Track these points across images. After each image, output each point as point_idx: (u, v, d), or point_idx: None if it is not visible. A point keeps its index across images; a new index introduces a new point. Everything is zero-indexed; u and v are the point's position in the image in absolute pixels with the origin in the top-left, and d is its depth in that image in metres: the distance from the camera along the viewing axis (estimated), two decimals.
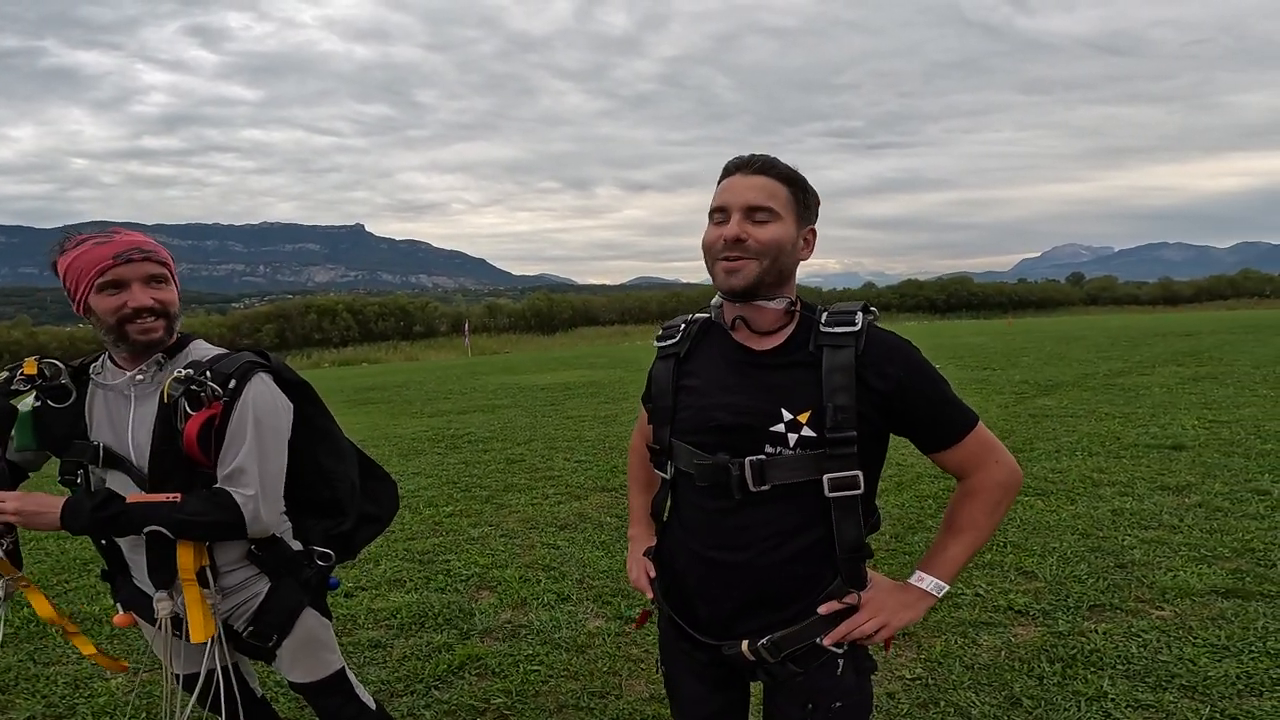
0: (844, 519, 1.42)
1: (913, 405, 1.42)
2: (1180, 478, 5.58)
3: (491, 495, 6.17)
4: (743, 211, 1.43)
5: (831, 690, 1.50)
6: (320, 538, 1.86)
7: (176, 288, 1.73)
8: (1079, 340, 18.89)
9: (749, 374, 1.47)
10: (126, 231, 1.71)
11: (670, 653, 1.68)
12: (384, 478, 2.08)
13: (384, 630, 3.67)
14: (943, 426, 1.45)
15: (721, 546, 1.49)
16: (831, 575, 1.47)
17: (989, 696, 2.83)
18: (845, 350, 1.40)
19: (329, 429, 1.89)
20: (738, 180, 1.45)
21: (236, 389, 1.66)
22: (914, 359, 1.44)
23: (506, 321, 56.50)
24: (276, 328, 50.22)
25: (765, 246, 1.42)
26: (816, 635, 1.46)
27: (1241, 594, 3.55)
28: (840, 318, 1.44)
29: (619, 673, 3.16)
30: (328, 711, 1.94)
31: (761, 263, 1.42)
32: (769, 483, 1.41)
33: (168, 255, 1.72)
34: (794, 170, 1.47)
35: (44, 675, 3.37)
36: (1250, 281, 67.57)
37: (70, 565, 4.89)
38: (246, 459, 1.64)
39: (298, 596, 1.80)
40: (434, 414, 11.31)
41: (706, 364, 1.54)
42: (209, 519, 1.63)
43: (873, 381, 1.40)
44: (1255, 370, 11.27)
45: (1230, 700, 2.70)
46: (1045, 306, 67.87)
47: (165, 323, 1.69)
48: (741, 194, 1.43)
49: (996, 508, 1.48)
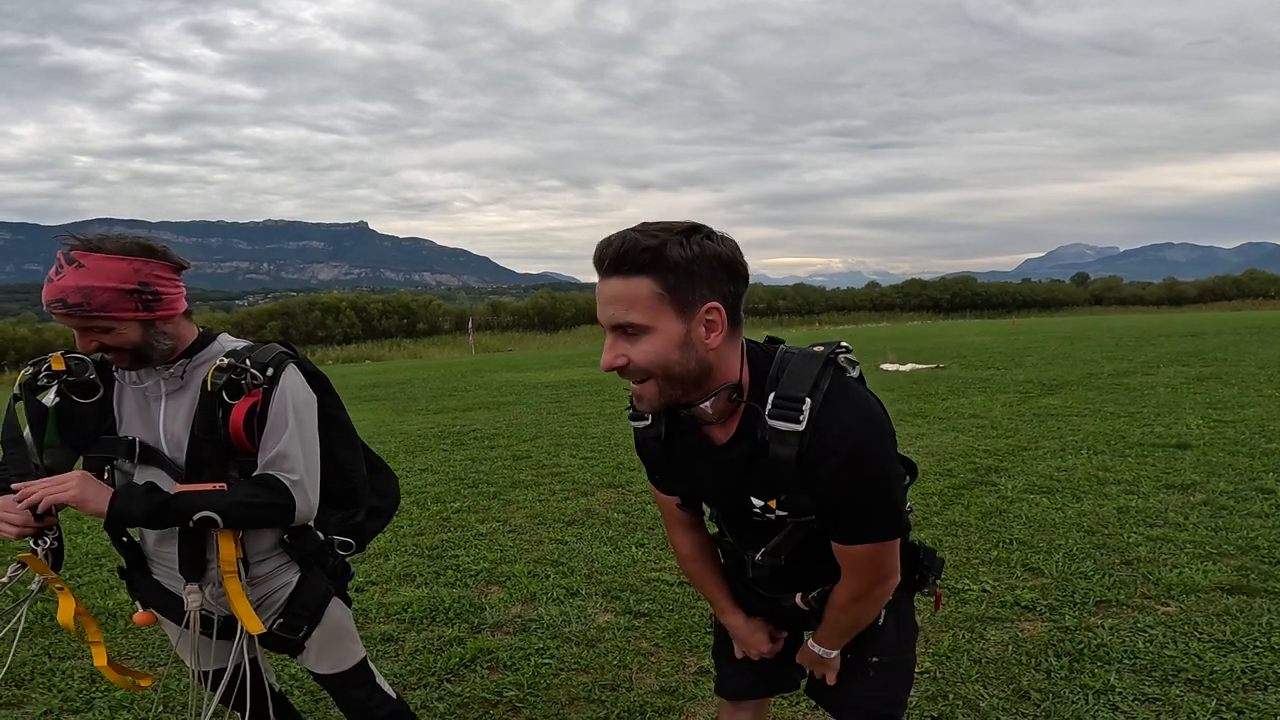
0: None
1: (840, 507, 1.37)
2: (1185, 476, 5.59)
3: (498, 491, 6.20)
4: (610, 329, 1.26)
5: (871, 643, 1.61)
6: (336, 528, 1.88)
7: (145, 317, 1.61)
8: (1083, 340, 18.87)
9: (716, 464, 1.45)
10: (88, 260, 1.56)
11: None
12: (386, 470, 2.09)
13: (395, 624, 3.70)
14: (860, 527, 1.39)
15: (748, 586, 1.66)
16: None
17: (997, 690, 2.85)
18: (788, 448, 1.31)
19: (343, 420, 1.91)
20: (600, 288, 1.25)
21: (274, 376, 1.68)
22: (859, 464, 1.32)
23: (510, 319, 56.56)
24: (280, 325, 50.32)
25: (649, 366, 1.26)
26: None
27: (1246, 590, 3.57)
28: (785, 411, 1.30)
29: (629, 666, 3.19)
30: (354, 702, 1.94)
31: (656, 382, 1.28)
32: (768, 545, 1.51)
33: (114, 295, 1.56)
34: (654, 245, 1.19)
35: (60, 669, 3.40)
36: (1255, 282, 67.38)
37: (82, 560, 4.92)
38: (289, 444, 1.67)
39: (325, 585, 1.83)
40: (439, 411, 11.35)
41: (683, 448, 1.50)
42: (262, 501, 1.64)
43: (813, 483, 1.34)
44: (1260, 370, 11.27)
45: (1236, 694, 2.72)
46: (1049, 306, 67.75)
47: (129, 355, 1.64)
48: (604, 310, 1.25)
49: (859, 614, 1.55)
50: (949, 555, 4.23)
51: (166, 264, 1.65)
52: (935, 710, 2.75)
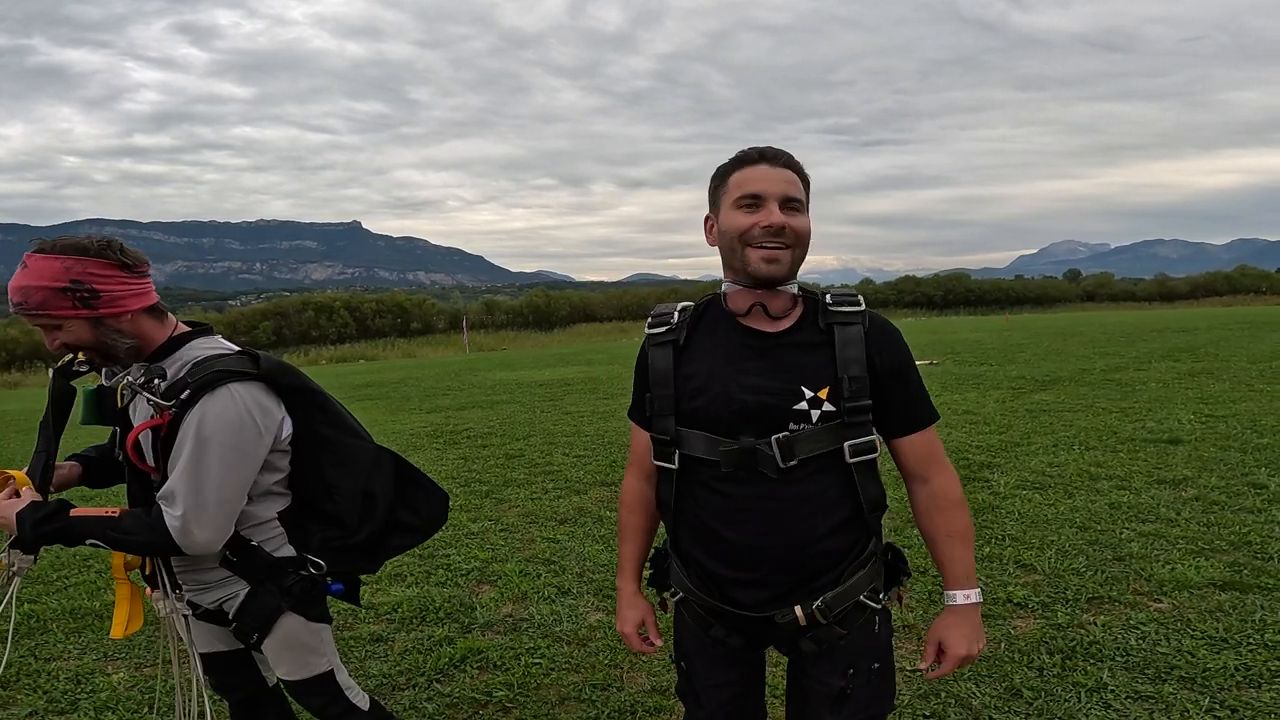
0: (866, 481, 1.53)
1: (898, 386, 1.53)
2: (1177, 472, 5.60)
3: (491, 490, 6.18)
4: (780, 201, 1.48)
5: (869, 651, 1.59)
6: (318, 546, 1.82)
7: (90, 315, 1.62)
8: (1076, 336, 18.92)
9: (766, 356, 1.52)
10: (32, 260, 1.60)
11: (694, 646, 1.69)
12: (428, 487, 2.01)
13: (385, 624, 3.67)
14: (916, 412, 1.57)
15: (759, 531, 1.52)
16: (866, 538, 1.57)
17: (990, 688, 2.84)
18: (855, 327, 1.51)
19: (336, 438, 1.82)
20: (767, 170, 1.50)
21: (188, 402, 1.60)
22: (905, 345, 1.57)
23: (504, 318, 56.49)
24: (274, 325, 50.15)
25: (800, 237, 1.50)
26: (861, 593, 1.55)
27: (1239, 587, 3.56)
28: (844, 298, 1.55)
29: (620, 665, 3.17)
30: (311, 708, 1.94)
31: (795, 252, 1.50)
32: (797, 457, 1.47)
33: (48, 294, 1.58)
34: (799, 163, 1.55)
35: (45, 670, 3.37)
36: (1246, 278, 67.65)
37: (70, 561, 4.89)
38: (176, 479, 1.61)
39: (275, 602, 1.78)
40: (432, 410, 11.31)
41: (712, 350, 1.55)
42: (138, 538, 1.64)
43: (875, 357, 1.51)
44: (1251, 366, 11.30)
45: (1229, 692, 2.72)
46: (1042, 303, 67.95)
47: (93, 353, 1.66)
48: (776, 184, 1.49)
49: (968, 516, 1.61)
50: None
51: (104, 261, 1.62)
52: (927, 709, 2.74)
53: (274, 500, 1.80)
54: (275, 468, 1.77)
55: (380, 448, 1.93)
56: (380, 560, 1.94)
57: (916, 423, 1.56)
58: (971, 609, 1.57)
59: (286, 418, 1.76)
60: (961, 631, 1.56)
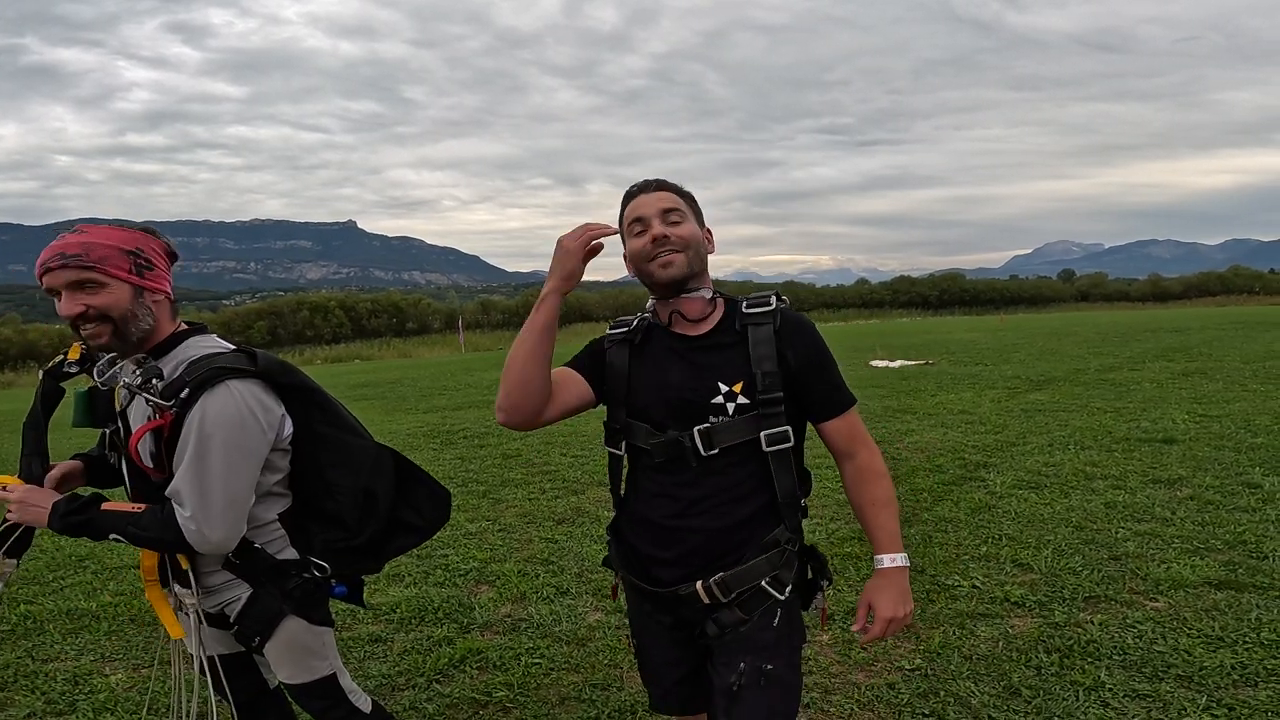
0: (781, 472, 1.65)
1: (814, 375, 1.68)
2: (1172, 471, 5.62)
3: (488, 490, 6.17)
4: (659, 216, 1.68)
5: (764, 648, 1.64)
6: (320, 548, 1.82)
7: (137, 283, 1.66)
8: (1070, 336, 18.98)
9: (687, 356, 1.70)
10: (89, 228, 1.66)
11: (639, 623, 1.85)
12: (430, 485, 2.00)
13: (384, 625, 3.67)
14: (834, 398, 1.71)
15: (680, 515, 1.68)
16: (776, 526, 1.68)
17: (988, 687, 2.85)
18: (765, 326, 1.67)
19: (335, 437, 1.82)
20: (643, 198, 1.71)
21: (188, 400, 1.60)
22: (818, 337, 1.71)
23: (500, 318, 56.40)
24: (268, 325, 50.01)
25: (685, 240, 1.67)
26: (762, 576, 1.65)
27: (1234, 586, 3.58)
28: (758, 301, 1.72)
29: (619, 665, 3.17)
30: (313, 712, 1.93)
31: (687, 254, 1.67)
32: (717, 446, 1.63)
33: (113, 252, 1.63)
34: (676, 184, 1.76)
35: (43, 672, 3.36)
36: (1239, 278, 67.92)
37: (65, 561, 4.87)
38: (181, 480, 1.60)
39: (277, 605, 1.77)
40: (429, 410, 11.29)
41: (653, 354, 1.75)
42: (153, 535, 1.63)
43: (786, 353, 1.65)
44: (1245, 366, 11.36)
45: (1226, 690, 2.73)
46: (1037, 303, 68.13)
47: (110, 326, 1.64)
48: (653, 205, 1.69)
49: (891, 486, 1.74)
50: (939, 551, 4.24)
51: (162, 244, 1.75)
52: (927, 707, 2.75)
53: (275, 501, 1.79)
54: (276, 467, 1.76)
55: (380, 446, 1.92)
56: (384, 561, 1.94)
57: (837, 407, 1.71)
58: (898, 572, 1.69)
59: (286, 416, 1.75)
60: (889, 594, 1.68)
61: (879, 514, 1.70)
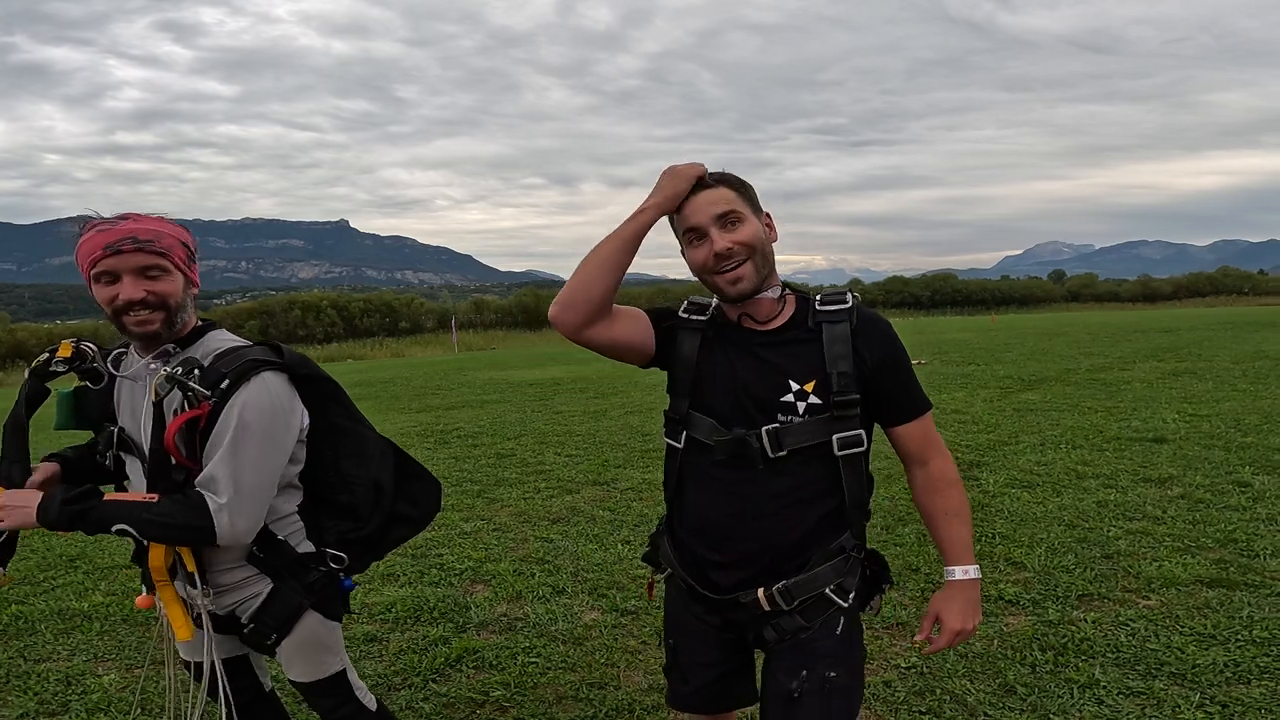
0: (851, 476, 1.58)
1: (889, 378, 1.60)
2: (1163, 470, 5.66)
3: (483, 490, 6.16)
4: (715, 224, 1.57)
5: (827, 654, 1.59)
6: (335, 540, 1.82)
7: (187, 275, 1.70)
8: (1061, 336, 19.09)
9: (756, 351, 1.62)
10: (141, 217, 1.66)
11: (678, 622, 1.78)
12: (424, 477, 2.02)
13: (379, 624, 3.66)
14: (909, 401, 1.64)
15: (742, 515, 1.60)
16: (842, 533, 1.61)
17: (984, 684, 2.86)
18: (842, 324, 1.59)
19: (352, 429, 1.84)
20: (695, 202, 1.59)
21: (228, 390, 1.60)
22: (895, 338, 1.63)
23: (494, 318, 56.30)
24: (260, 324, 49.77)
25: (750, 246, 1.57)
26: (826, 584, 1.59)
27: (1226, 584, 3.61)
28: (833, 298, 1.64)
29: (616, 664, 3.17)
30: (321, 710, 1.93)
31: (754, 260, 1.58)
32: (785, 448, 1.55)
33: (175, 242, 1.67)
34: (729, 174, 1.63)
35: (35, 672, 3.33)
36: (1229, 279, 68.40)
37: (56, 562, 4.84)
38: (219, 466, 1.60)
39: (298, 599, 1.77)
40: (422, 409, 11.27)
41: (722, 347, 1.66)
42: (177, 522, 1.60)
43: (863, 351, 1.58)
44: (1234, 365, 11.44)
45: (1219, 688, 2.75)
46: (1028, 303, 68.44)
47: (164, 314, 1.65)
48: (706, 210, 1.58)
49: (964, 495, 1.68)
50: (933, 550, 4.25)
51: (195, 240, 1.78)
52: (923, 705, 2.76)
53: (294, 494, 1.80)
54: (296, 459, 1.77)
55: (382, 437, 1.95)
56: (383, 553, 1.94)
57: (912, 411, 1.64)
58: (970, 584, 1.63)
59: (304, 409, 1.77)
60: (958, 606, 1.62)
61: (951, 524, 1.63)
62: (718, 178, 1.61)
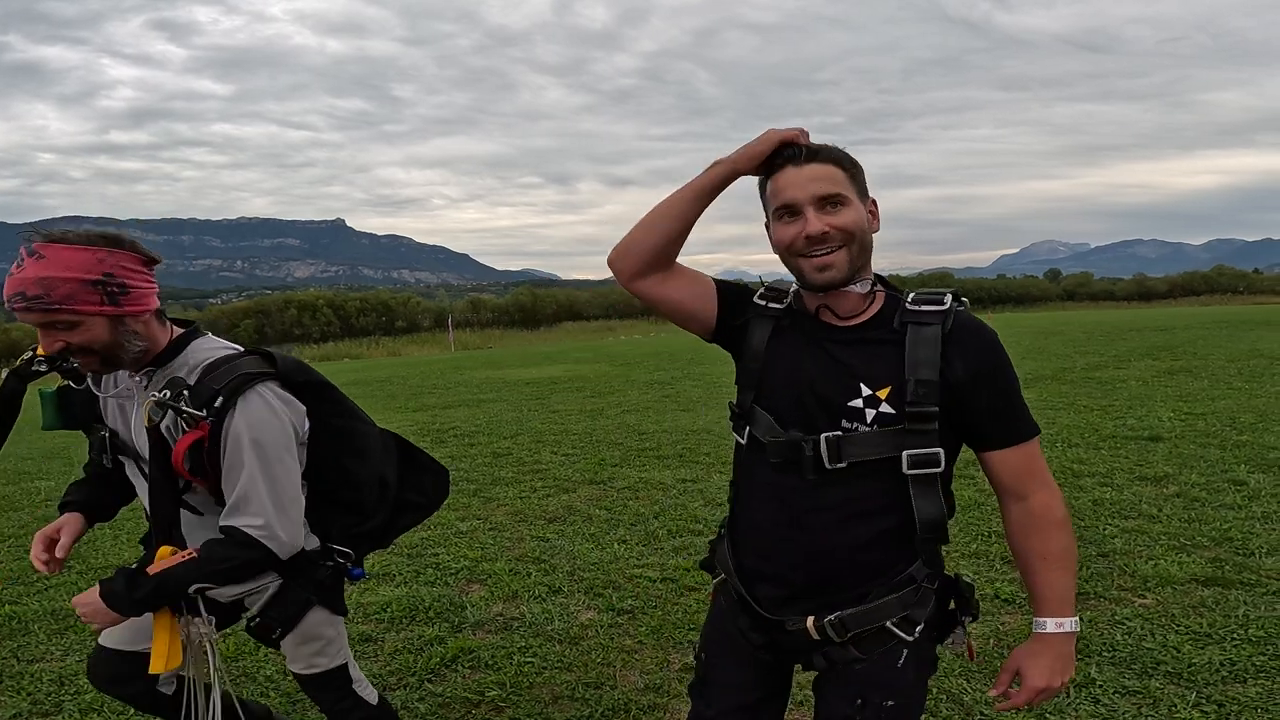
0: (923, 497, 1.39)
1: (985, 395, 1.39)
2: (1158, 468, 5.67)
3: (479, 489, 6.15)
4: (814, 204, 1.40)
5: (887, 685, 1.45)
6: (340, 534, 1.83)
7: (108, 312, 1.53)
8: (1057, 335, 19.11)
9: (827, 347, 1.45)
10: (47, 252, 1.49)
11: (718, 635, 1.63)
12: (431, 468, 2.04)
13: (374, 624, 3.65)
14: (1009, 424, 1.42)
15: (792, 524, 1.45)
16: (909, 558, 1.44)
17: (980, 683, 2.86)
18: (931, 327, 1.39)
19: (350, 428, 1.84)
20: (794, 174, 1.42)
21: (224, 408, 1.57)
22: (998, 350, 1.43)
23: (490, 317, 56.28)
24: (256, 323, 49.68)
25: (849, 233, 1.40)
26: (889, 617, 1.42)
27: (1221, 582, 3.61)
28: (928, 297, 1.44)
29: (613, 664, 3.17)
30: (322, 704, 1.94)
31: (849, 250, 1.41)
32: (846, 460, 1.38)
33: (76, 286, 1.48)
34: (840, 149, 1.45)
35: (28, 672, 3.32)
36: (1223, 278, 68.63)
37: None
38: (249, 485, 1.58)
39: (305, 594, 1.78)
40: (418, 408, 11.25)
41: (791, 337, 1.51)
42: (238, 560, 1.59)
43: (954, 361, 1.38)
44: (1229, 364, 11.47)
45: (1215, 687, 2.75)
46: (1024, 302, 68.62)
47: (97, 357, 1.56)
48: (807, 187, 1.41)
49: (1071, 538, 1.46)
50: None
51: (134, 256, 1.58)
52: None
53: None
54: (299, 461, 1.77)
55: (384, 430, 1.95)
56: (390, 539, 1.96)
57: (1011, 435, 1.42)
58: (1063, 639, 1.44)
59: (304, 413, 1.76)
60: (1044, 661, 1.44)
61: (1050, 571, 1.42)
62: (828, 153, 1.43)
